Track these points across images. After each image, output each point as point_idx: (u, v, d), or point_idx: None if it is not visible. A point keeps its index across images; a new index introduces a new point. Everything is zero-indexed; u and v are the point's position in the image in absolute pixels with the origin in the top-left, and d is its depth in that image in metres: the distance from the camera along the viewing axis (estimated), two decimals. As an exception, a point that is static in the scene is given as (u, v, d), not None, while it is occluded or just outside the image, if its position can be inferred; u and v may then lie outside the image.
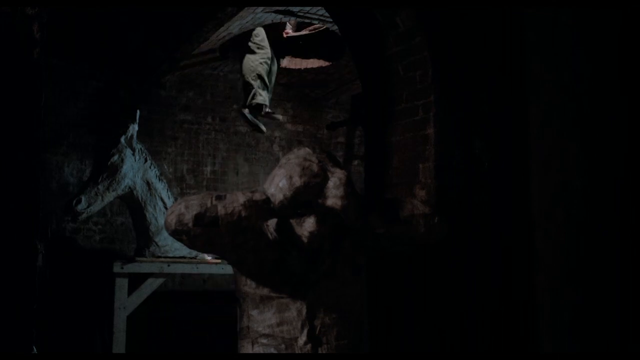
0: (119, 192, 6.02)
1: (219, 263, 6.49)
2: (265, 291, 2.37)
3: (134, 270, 5.84)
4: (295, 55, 7.43)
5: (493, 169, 3.62)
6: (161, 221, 6.25)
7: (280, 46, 7.11)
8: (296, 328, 2.35)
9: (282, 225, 2.32)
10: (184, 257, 6.36)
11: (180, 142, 7.28)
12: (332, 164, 2.32)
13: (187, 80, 7.38)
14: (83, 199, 5.78)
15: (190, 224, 2.15)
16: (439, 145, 3.52)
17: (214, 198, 2.19)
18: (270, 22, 6.21)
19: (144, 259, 6.00)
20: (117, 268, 5.74)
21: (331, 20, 5.96)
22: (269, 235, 2.37)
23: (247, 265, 2.38)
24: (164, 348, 6.71)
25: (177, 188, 6.69)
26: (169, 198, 6.39)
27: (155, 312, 6.43)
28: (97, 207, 5.95)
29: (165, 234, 6.24)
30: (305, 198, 2.22)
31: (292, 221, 2.29)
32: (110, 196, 5.98)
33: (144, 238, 6.20)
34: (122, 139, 6.02)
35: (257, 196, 2.22)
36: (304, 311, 2.36)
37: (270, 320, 2.37)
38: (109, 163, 5.93)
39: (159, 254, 6.19)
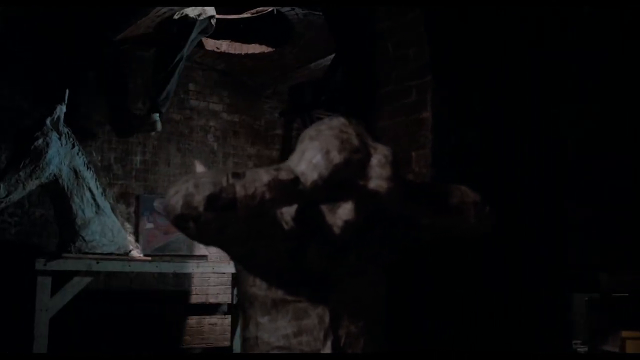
0: (43, 179, 5.39)
1: (151, 261, 5.96)
2: (279, 294, 1.92)
3: (59, 267, 5.23)
4: (235, 39, 6.95)
5: (492, 159, 3.31)
6: (89, 213, 5.65)
7: (219, 30, 6.59)
8: (317, 339, 1.91)
9: (307, 212, 1.88)
10: (112, 254, 5.79)
11: (107, 128, 6.62)
12: (372, 138, 1.90)
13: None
14: (2, 186, 5.12)
15: (201, 208, 1.66)
16: (437, 131, 3.17)
17: (230, 175, 1.71)
18: (216, -2, 5.73)
19: (71, 255, 5.39)
20: (39, 265, 5.12)
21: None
22: (284, 224, 1.93)
23: (257, 261, 1.93)
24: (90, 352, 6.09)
25: (105, 178, 6.08)
26: (97, 188, 5.79)
27: (81, 313, 5.81)
28: (17, 196, 5.30)
29: (93, 227, 5.64)
30: (344, 178, 1.79)
31: (324, 207, 1.85)
32: (32, 184, 5.35)
33: (69, 232, 5.58)
34: (48, 121, 5.39)
35: (284, 175, 1.76)
36: (327, 318, 1.92)
37: (285, 330, 1.91)
38: (32, 147, 5.29)
39: (86, 250, 5.59)
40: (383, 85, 3.40)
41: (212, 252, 7.13)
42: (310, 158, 1.77)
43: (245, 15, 6.58)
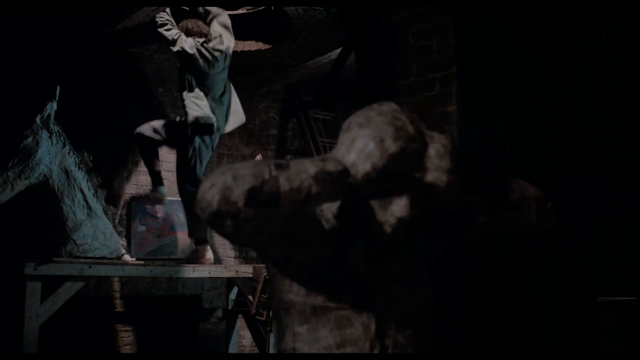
0: (32, 180, 5.16)
1: (145, 265, 5.73)
2: (319, 300, 1.71)
3: (50, 272, 4.98)
4: (230, 36, 6.73)
5: (518, 153, 3.14)
6: (80, 215, 5.42)
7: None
8: (363, 350, 1.70)
9: (354, 208, 1.68)
10: (104, 258, 5.55)
11: (101, 127, 6.38)
12: (426, 125, 1.70)
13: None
14: (-11, 187, 4.89)
15: (241, 203, 1.44)
16: (462, 126, 2.99)
17: (273, 167, 1.51)
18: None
19: (62, 259, 5.15)
20: (29, 270, 4.87)
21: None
22: (324, 222, 1.72)
23: (295, 263, 1.72)
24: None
25: (97, 179, 5.83)
26: (89, 189, 5.57)
27: (72, 319, 5.57)
28: (5, 197, 5.06)
29: (85, 230, 5.41)
30: (399, 170, 1.59)
31: (373, 203, 1.66)
32: (21, 185, 5.12)
33: (59, 235, 5.35)
34: (38, 119, 5.16)
35: (331, 166, 1.55)
36: (373, 327, 1.72)
37: (326, 340, 1.70)
38: (22, 146, 5.06)
39: (78, 254, 5.36)
40: (402, 78, 3.22)
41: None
42: (362, 147, 1.57)
43: (241, 11, 6.37)
